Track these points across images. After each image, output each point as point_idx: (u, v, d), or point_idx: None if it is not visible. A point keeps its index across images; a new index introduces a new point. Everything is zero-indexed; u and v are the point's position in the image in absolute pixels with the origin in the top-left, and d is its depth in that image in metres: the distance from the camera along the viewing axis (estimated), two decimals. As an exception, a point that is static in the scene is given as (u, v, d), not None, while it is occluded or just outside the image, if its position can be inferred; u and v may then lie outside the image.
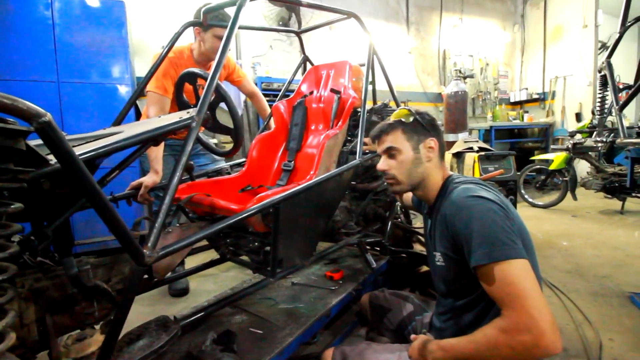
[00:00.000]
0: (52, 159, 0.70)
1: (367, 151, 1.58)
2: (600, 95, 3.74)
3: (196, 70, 1.23)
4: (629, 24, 2.00)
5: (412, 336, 0.97)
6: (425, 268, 1.92)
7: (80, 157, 0.60)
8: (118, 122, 1.48)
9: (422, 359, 0.88)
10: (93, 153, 0.73)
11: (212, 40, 1.85)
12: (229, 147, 1.29)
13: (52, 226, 0.85)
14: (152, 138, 0.86)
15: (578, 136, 4.03)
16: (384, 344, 1.08)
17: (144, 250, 0.74)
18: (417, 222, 2.83)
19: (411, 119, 1.05)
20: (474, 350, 0.78)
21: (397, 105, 1.95)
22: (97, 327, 0.97)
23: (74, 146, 0.78)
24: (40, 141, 0.57)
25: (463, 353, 0.80)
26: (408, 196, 1.42)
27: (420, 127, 1.05)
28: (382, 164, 1.09)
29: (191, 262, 1.80)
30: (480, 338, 0.77)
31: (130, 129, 0.94)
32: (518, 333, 0.70)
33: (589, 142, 3.83)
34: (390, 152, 1.06)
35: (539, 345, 0.69)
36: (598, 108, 3.87)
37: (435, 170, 1.06)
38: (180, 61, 1.87)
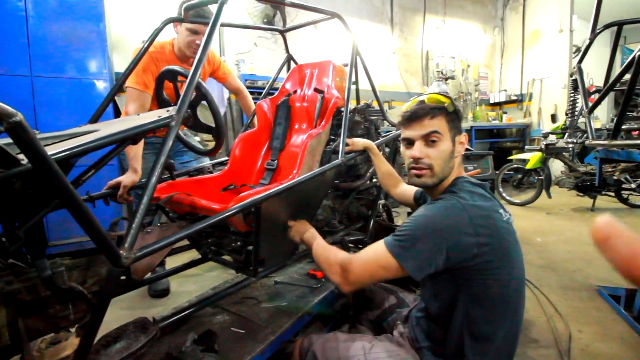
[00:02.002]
0: (23, 158, 0.67)
1: (349, 151, 1.60)
2: (572, 98, 3.89)
3: (176, 67, 1.20)
4: (598, 30, 2.10)
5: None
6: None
7: (53, 158, 0.59)
8: (95, 119, 1.44)
9: (297, 233, 1.24)
10: (67, 153, 0.71)
11: (186, 34, 1.79)
12: (211, 145, 1.27)
13: (24, 227, 0.82)
14: (130, 137, 0.84)
15: (551, 137, 4.19)
16: (350, 334, 1.10)
17: (121, 252, 0.72)
18: (399, 219, 2.88)
19: (452, 109, 0.97)
20: (320, 254, 1.08)
21: (380, 105, 1.97)
22: (72, 330, 0.95)
23: (46, 145, 0.75)
24: (10, 139, 0.56)
25: (313, 247, 1.12)
26: (405, 192, 1.39)
27: (458, 120, 0.99)
28: (418, 151, 0.96)
29: (172, 262, 1.77)
30: (330, 250, 1.06)
31: (108, 127, 0.92)
32: (340, 268, 0.97)
33: (561, 143, 3.99)
34: (431, 139, 0.95)
35: (335, 281, 0.99)
36: (569, 110, 4.03)
37: (456, 167, 1.00)
38: (162, 56, 1.82)
